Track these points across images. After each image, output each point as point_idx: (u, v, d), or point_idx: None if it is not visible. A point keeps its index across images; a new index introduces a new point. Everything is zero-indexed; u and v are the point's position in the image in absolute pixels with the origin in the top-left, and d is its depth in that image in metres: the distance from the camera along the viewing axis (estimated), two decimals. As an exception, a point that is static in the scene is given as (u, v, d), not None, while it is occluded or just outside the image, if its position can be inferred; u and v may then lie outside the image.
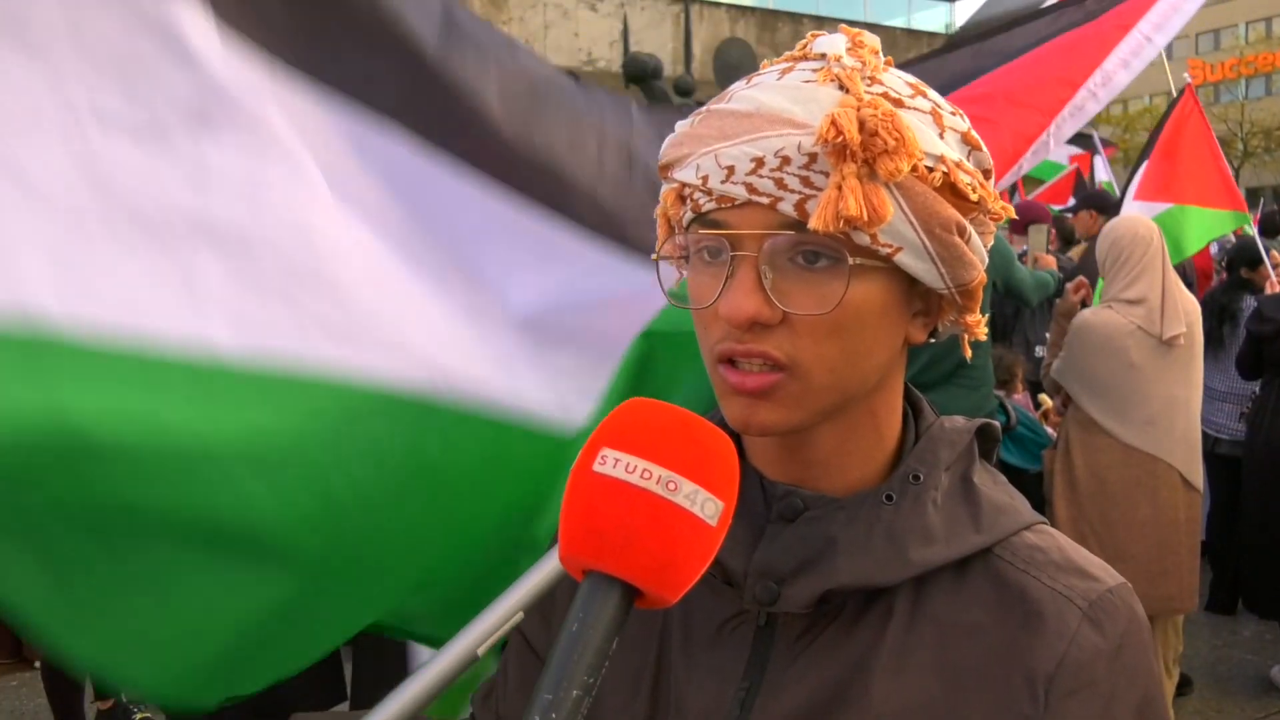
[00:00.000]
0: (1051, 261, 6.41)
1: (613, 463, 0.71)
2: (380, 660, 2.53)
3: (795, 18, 31.05)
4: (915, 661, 0.83)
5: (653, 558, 0.70)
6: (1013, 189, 10.37)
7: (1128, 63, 1.75)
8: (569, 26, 27.89)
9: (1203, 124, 5.69)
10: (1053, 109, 1.69)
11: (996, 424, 0.94)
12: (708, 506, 0.71)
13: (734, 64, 27.19)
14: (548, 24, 27.59)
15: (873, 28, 31.60)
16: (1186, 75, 5.88)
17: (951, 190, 0.81)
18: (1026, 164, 1.67)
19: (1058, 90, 1.73)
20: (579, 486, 0.73)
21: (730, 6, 30.39)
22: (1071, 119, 1.70)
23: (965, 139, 0.84)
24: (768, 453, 0.91)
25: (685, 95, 26.20)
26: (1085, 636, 0.81)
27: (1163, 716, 0.86)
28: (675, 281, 0.90)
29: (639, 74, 25.35)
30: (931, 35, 34.04)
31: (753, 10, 30.73)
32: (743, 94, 0.83)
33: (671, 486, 0.70)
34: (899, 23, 34.16)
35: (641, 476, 0.70)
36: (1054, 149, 1.69)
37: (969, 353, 0.95)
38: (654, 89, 26.23)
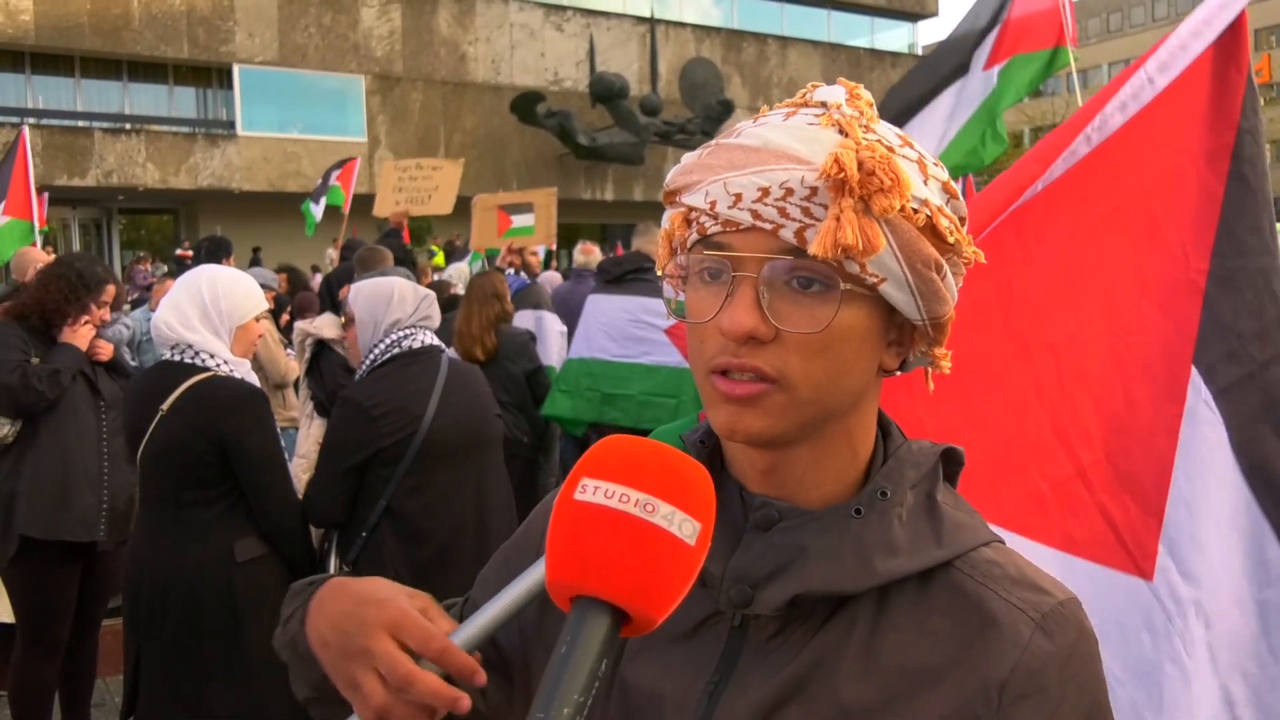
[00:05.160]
0: None
1: (592, 490, 0.75)
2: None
3: (760, 38, 31.29)
4: (877, 664, 0.88)
5: (634, 577, 0.73)
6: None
7: (1125, 105, 1.71)
8: (535, 46, 27.95)
9: None
10: (1049, 157, 1.69)
11: (961, 449, 0.99)
12: (685, 526, 0.74)
13: (699, 83, 27.35)
14: (514, 44, 27.65)
15: (836, 48, 31.54)
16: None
17: (933, 231, 0.89)
18: (1014, 206, 1.65)
19: (1056, 138, 1.72)
20: (562, 515, 0.76)
21: (695, 26, 30.59)
22: (1063, 163, 1.68)
23: (945, 188, 0.92)
24: (748, 467, 0.96)
25: (651, 114, 26.40)
26: (1038, 645, 0.87)
27: None
28: (674, 301, 0.96)
29: (605, 93, 25.56)
30: (895, 55, 34.39)
31: (718, 30, 30.95)
32: (751, 131, 0.91)
33: (649, 508, 0.74)
34: (862, 43, 34.45)
35: (620, 500, 0.74)
36: (1041, 189, 1.65)
37: (932, 386, 1.01)
38: (620, 108, 26.38)
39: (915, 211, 0.87)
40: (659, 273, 0.97)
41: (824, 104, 0.91)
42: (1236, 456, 1.68)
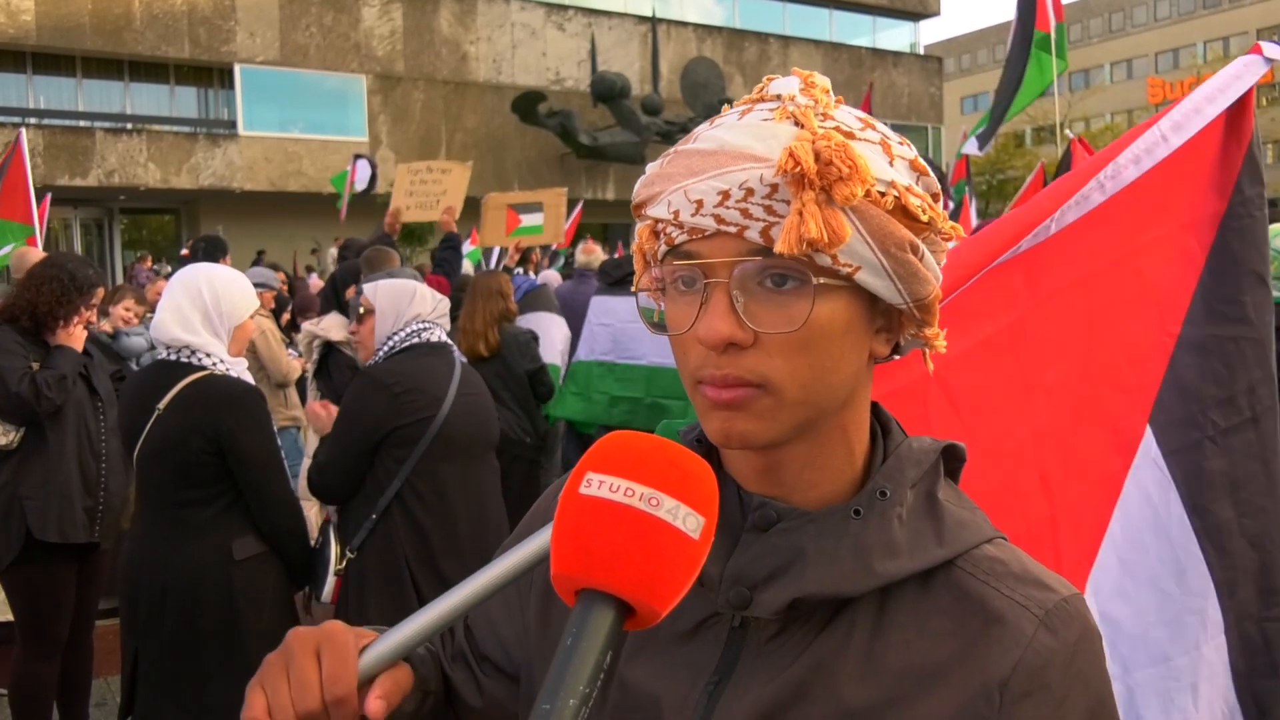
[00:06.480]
0: None
1: (597, 484, 0.76)
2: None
3: (762, 37, 31.29)
4: (879, 666, 0.87)
5: (639, 570, 0.73)
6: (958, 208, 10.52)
7: (1139, 159, 1.71)
8: (537, 46, 27.95)
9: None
10: (1060, 199, 1.69)
11: (962, 445, 0.98)
12: (689, 521, 0.75)
13: (701, 82, 27.34)
14: (515, 44, 27.65)
15: (838, 47, 31.46)
16: (1069, 132, 6.58)
17: (903, 212, 0.87)
18: (1025, 245, 1.65)
19: (1070, 182, 1.73)
20: (567, 509, 0.76)
21: (697, 26, 30.58)
22: (1075, 207, 1.68)
23: (913, 165, 0.90)
24: (745, 467, 0.95)
25: (653, 114, 26.43)
26: (1041, 642, 0.86)
27: None
28: (655, 313, 0.95)
29: (607, 93, 25.59)
30: (897, 54, 34.40)
31: (719, 29, 30.95)
32: (707, 134, 0.90)
33: (653, 502, 0.74)
34: (864, 42, 34.45)
35: (625, 494, 0.75)
36: (1054, 231, 1.66)
37: (931, 367, 0.99)
38: (622, 108, 26.38)
39: (882, 195, 0.85)
40: (634, 290, 0.96)
41: (779, 97, 0.89)
42: (1190, 517, 1.70)
